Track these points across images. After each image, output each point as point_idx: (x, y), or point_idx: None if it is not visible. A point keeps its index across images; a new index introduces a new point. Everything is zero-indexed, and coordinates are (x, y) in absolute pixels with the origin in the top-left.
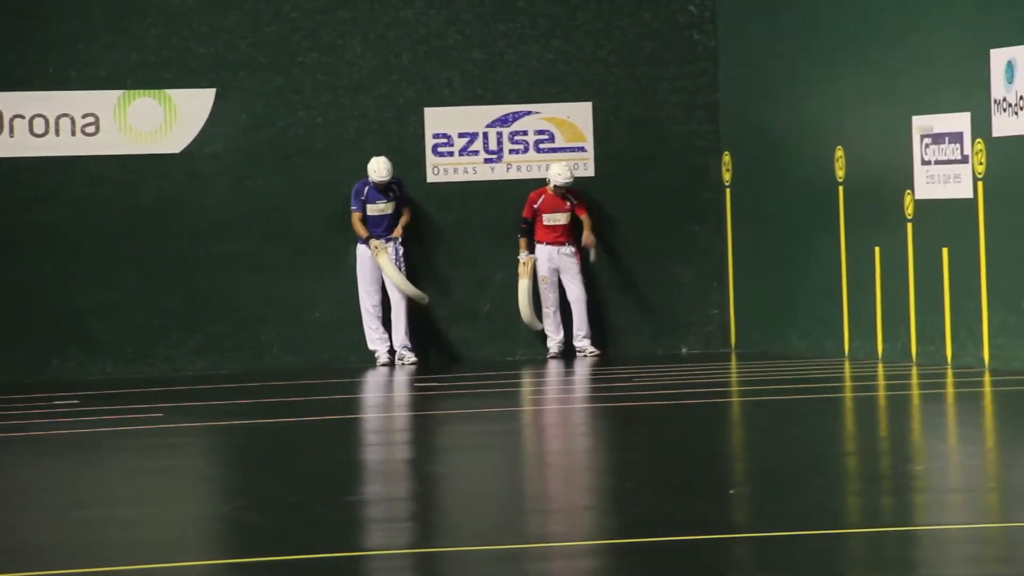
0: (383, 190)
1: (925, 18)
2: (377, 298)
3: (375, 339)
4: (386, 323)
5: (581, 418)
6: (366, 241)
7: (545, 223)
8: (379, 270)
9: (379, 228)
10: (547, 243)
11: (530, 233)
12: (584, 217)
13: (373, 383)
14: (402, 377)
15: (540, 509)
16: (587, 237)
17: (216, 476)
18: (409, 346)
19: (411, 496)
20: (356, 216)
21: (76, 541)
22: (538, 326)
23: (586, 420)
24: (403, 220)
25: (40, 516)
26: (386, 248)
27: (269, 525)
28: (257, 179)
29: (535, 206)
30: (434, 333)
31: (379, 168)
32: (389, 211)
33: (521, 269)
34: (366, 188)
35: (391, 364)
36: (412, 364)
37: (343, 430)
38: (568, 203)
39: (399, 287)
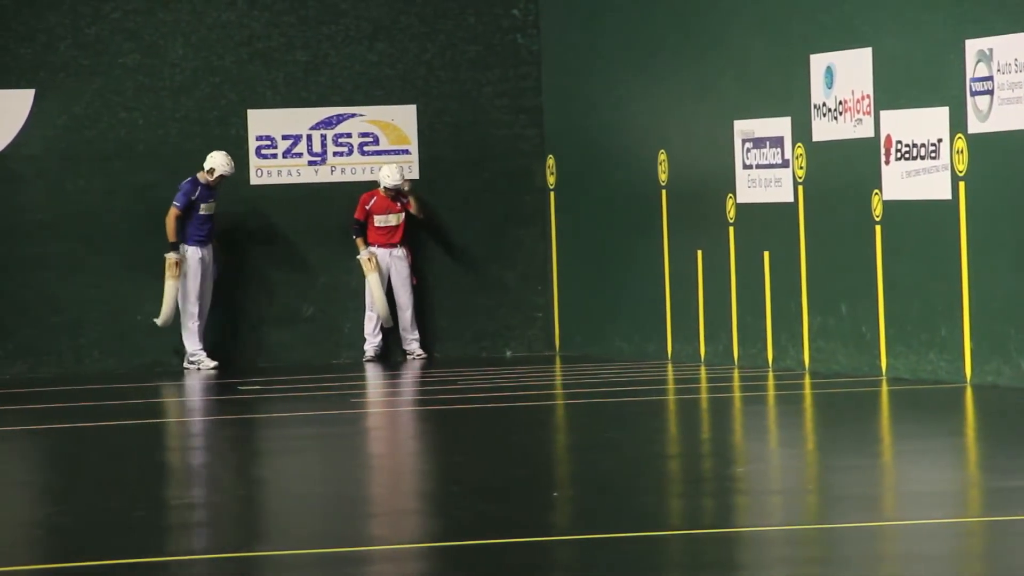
0: (215, 188)
1: (744, 24)
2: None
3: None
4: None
5: (406, 421)
6: (176, 246)
7: (376, 225)
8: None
9: (205, 227)
10: (378, 245)
11: (364, 233)
12: (412, 209)
13: (195, 387)
14: (224, 381)
15: (364, 513)
16: (415, 207)
17: (34, 481)
18: (201, 348)
19: (234, 499)
20: (175, 214)
21: None
22: (391, 321)
23: (411, 423)
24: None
25: None
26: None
27: (88, 530)
28: (77, 181)
29: (367, 207)
30: (257, 336)
31: (224, 162)
32: (213, 211)
33: (366, 265)
34: (198, 188)
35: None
36: (212, 369)
37: (165, 434)
38: (399, 204)
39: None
